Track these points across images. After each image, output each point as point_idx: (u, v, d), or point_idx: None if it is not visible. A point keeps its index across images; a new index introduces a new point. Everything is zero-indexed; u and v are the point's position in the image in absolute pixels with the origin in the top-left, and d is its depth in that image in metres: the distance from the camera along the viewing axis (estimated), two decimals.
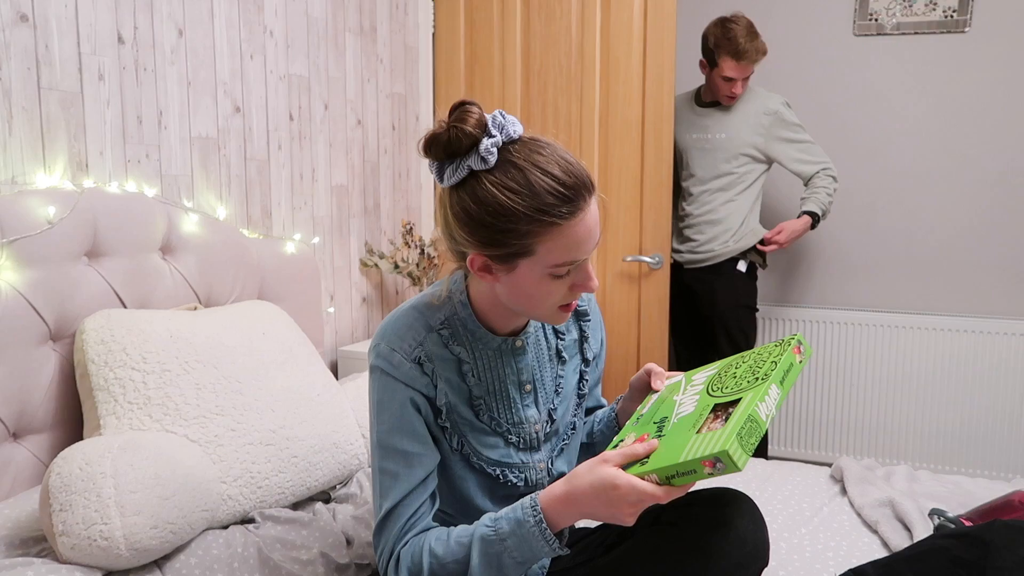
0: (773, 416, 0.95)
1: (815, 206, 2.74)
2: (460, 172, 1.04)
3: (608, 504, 0.97)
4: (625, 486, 0.96)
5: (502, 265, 1.06)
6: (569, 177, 1.02)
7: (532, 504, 1.03)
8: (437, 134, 1.04)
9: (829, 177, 2.74)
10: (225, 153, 1.98)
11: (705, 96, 2.84)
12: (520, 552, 1.02)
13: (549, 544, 1.01)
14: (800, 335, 1.14)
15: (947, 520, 1.51)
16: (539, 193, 1.01)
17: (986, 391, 3.03)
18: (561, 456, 1.26)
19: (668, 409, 1.09)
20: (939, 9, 3.00)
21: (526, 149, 1.03)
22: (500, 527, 1.04)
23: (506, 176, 1.02)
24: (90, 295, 1.51)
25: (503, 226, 1.02)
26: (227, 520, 1.37)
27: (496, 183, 1.01)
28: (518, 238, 1.02)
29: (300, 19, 2.22)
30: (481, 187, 1.02)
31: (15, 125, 1.48)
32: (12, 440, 1.41)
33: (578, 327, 1.29)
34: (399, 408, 1.11)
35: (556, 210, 1.01)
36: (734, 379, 1.06)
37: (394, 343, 1.12)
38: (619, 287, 2.68)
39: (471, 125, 1.01)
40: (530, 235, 1.02)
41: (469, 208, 1.03)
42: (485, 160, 1.02)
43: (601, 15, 2.58)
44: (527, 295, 1.08)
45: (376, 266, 2.55)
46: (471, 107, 1.03)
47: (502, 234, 1.02)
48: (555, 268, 1.05)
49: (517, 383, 1.20)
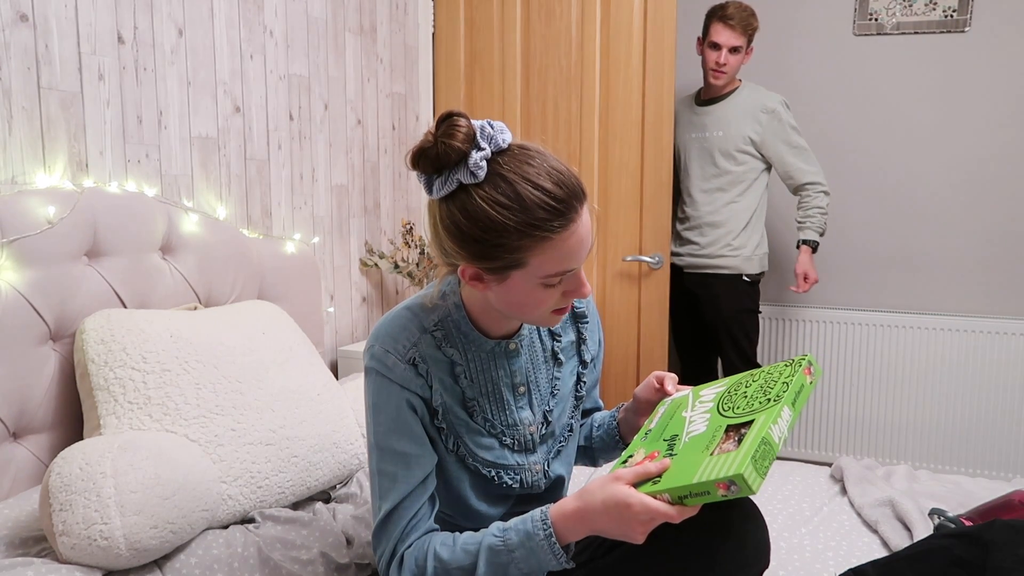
0: (785, 438, 0.96)
1: (814, 233, 2.74)
2: (449, 185, 1.02)
3: (619, 522, 0.98)
4: (637, 505, 0.96)
5: (493, 276, 1.06)
6: (560, 189, 1.01)
7: (543, 518, 1.04)
8: (425, 148, 1.02)
9: (821, 194, 2.72)
10: (225, 153, 1.98)
11: (703, 94, 2.84)
12: (527, 564, 1.03)
13: (557, 558, 1.02)
14: (811, 356, 1.14)
15: (947, 520, 1.51)
16: (530, 208, 0.99)
17: (986, 391, 3.03)
18: (557, 458, 1.25)
19: (678, 426, 1.09)
20: (939, 9, 3.00)
21: (515, 161, 1.02)
22: (509, 538, 1.04)
23: (496, 190, 1.00)
24: (90, 295, 1.51)
25: (494, 241, 1.01)
26: (227, 520, 1.37)
27: (486, 198, 1.00)
28: (509, 252, 1.02)
29: (300, 19, 2.22)
30: (471, 201, 1.01)
31: (15, 125, 1.48)
32: (12, 440, 1.41)
33: (576, 329, 1.29)
34: (395, 410, 1.11)
35: (548, 224, 1.00)
36: (745, 399, 1.06)
37: (388, 344, 1.12)
38: (619, 287, 2.68)
39: (459, 140, 1.00)
40: (521, 249, 1.01)
41: (459, 223, 1.03)
42: (475, 175, 1.00)
43: (601, 15, 2.59)
44: (519, 303, 1.08)
45: (376, 266, 2.55)
46: (459, 119, 1.02)
47: (493, 248, 1.02)
48: (547, 279, 1.05)
49: (511, 385, 1.20)
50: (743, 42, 2.67)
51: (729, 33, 2.64)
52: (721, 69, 2.68)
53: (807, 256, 2.77)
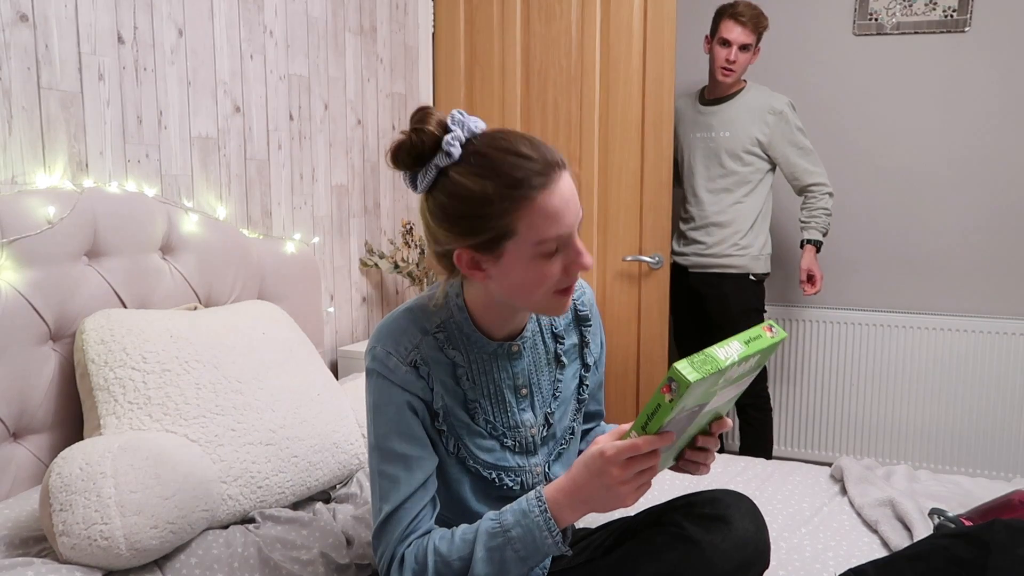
0: (735, 361, 0.95)
1: (817, 233, 2.76)
2: (429, 174, 1.05)
3: (600, 474, 0.98)
4: (610, 449, 0.98)
5: (488, 255, 1.06)
6: (535, 151, 1.03)
7: (537, 496, 1.04)
8: (400, 142, 1.05)
9: (826, 195, 2.74)
10: (225, 153, 1.98)
11: (708, 94, 2.83)
12: (524, 545, 1.03)
13: (553, 536, 1.02)
14: (772, 321, 1.15)
15: (947, 520, 1.51)
16: (507, 171, 1.01)
17: (986, 391, 3.03)
18: (558, 461, 1.25)
19: None
20: (939, 9, 3.00)
21: (488, 137, 1.05)
22: (505, 519, 1.05)
23: (471, 165, 1.03)
24: (90, 295, 1.51)
25: (479, 211, 1.02)
26: (227, 520, 1.37)
27: (464, 173, 1.03)
28: (496, 219, 1.02)
29: (300, 19, 2.22)
30: (451, 181, 1.04)
31: (15, 125, 1.48)
32: (12, 440, 1.41)
33: (579, 332, 1.29)
34: (396, 412, 1.11)
35: (527, 183, 1.01)
36: None
37: (390, 346, 1.12)
38: (619, 287, 2.68)
39: (432, 125, 1.03)
40: (506, 214, 1.02)
41: (444, 205, 1.05)
42: (449, 154, 1.03)
43: (601, 15, 2.58)
44: (520, 283, 1.07)
45: (376, 266, 2.55)
46: (428, 109, 1.06)
47: (480, 220, 1.03)
48: (540, 246, 1.04)
49: (513, 387, 1.20)
50: (753, 40, 2.67)
51: (740, 30, 2.64)
52: (730, 67, 2.68)
53: (811, 255, 2.78)
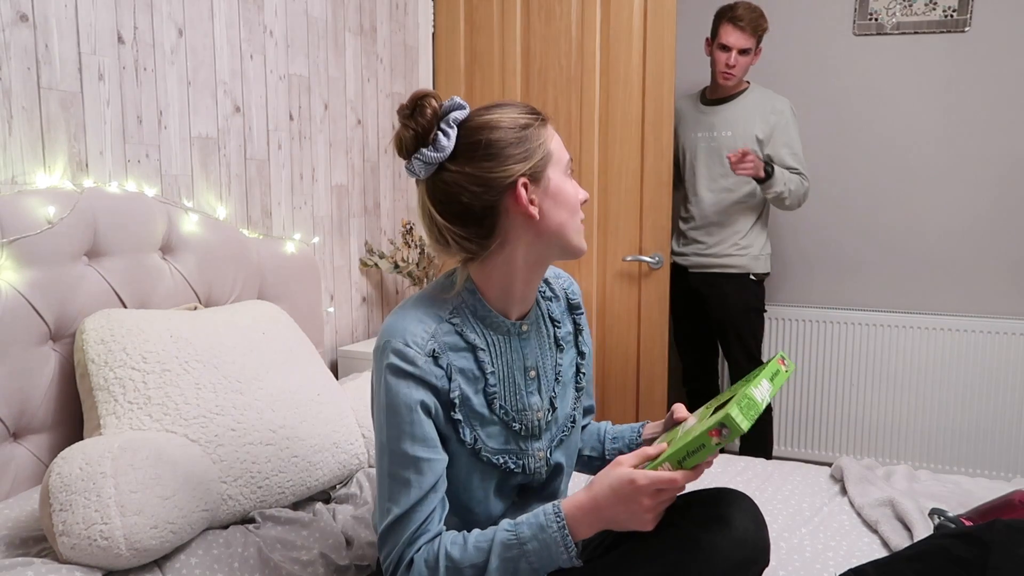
0: (768, 402, 1.05)
1: (782, 173, 2.59)
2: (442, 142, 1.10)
3: (628, 502, 1.01)
4: (642, 478, 1.00)
5: (537, 185, 1.12)
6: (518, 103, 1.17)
7: (555, 511, 1.05)
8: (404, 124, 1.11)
9: (802, 176, 2.66)
10: (225, 153, 1.98)
11: (710, 94, 2.83)
12: (538, 558, 1.04)
13: (568, 551, 1.04)
14: (783, 352, 1.28)
15: (947, 520, 1.51)
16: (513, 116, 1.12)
17: (986, 391, 3.02)
18: (559, 448, 1.26)
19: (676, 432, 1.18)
20: (939, 9, 3.00)
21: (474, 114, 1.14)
22: (521, 532, 1.05)
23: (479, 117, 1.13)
24: (90, 295, 1.51)
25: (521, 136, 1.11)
26: (227, 520, 1.37)
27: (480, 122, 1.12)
28: (535, 141, 1.12)
29: (300, 19, 2.22)
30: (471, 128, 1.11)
31: (15, 125, 1.48)
32: (12, 440, 1.41)
33: (572, 320, 1.31)
34: (409, 413, 1.10)
35: (532, 118, 1.13)
36: (728, 392, 1.17)
37: (407, 338, 1.10)
38: (619, 287, 2.68)
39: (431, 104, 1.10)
40: (540, 137, 1.13)
41: (479, 148, 1.10)
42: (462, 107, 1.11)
43: (601, 15, 2.59)
44: (566, 202, 1.15)
45: (376, 266, 2.55)
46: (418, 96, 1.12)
47: (525, 143, 1.11)
48: (568, 164, 1.17)
49: (523, 368, 1.21)
50: (752, 44, 2.66)
51: (739, 35, 2.63)
52: (731, 71, 2.68)
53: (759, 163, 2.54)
